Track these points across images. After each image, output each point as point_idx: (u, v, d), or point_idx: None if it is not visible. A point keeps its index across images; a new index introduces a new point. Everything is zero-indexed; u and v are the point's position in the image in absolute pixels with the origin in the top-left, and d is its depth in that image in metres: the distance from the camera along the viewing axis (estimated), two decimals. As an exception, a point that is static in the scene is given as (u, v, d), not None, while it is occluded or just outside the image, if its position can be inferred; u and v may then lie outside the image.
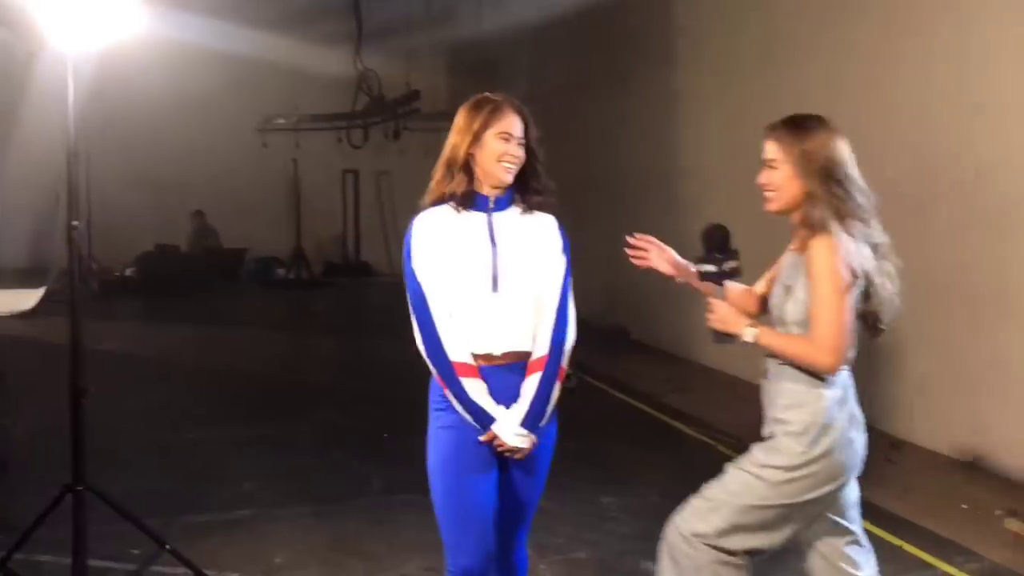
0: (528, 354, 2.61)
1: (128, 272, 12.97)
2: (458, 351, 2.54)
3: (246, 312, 11.70)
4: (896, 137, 5.86)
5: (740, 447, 5.87)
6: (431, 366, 2.58)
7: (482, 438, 2.55)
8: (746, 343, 2.46)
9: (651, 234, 2.85)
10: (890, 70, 5.90)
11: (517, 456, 2.59)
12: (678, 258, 2.80)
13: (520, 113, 2.61)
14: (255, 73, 13.02)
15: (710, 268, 2.55)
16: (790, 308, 2.45)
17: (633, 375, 7.63)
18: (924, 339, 5.63)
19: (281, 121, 14.34)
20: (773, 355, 2.51)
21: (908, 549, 4.15)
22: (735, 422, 6.29)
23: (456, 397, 2.54)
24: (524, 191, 2.65)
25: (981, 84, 5.21)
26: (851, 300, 2.38)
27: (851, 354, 2.45)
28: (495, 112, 2.58)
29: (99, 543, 3.75)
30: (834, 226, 2.39)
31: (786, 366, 2.47)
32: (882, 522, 4.46)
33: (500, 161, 2.57)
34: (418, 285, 2.56)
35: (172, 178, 13.45)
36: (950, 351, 5.44)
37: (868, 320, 2.50)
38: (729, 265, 2.57)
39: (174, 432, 5.96)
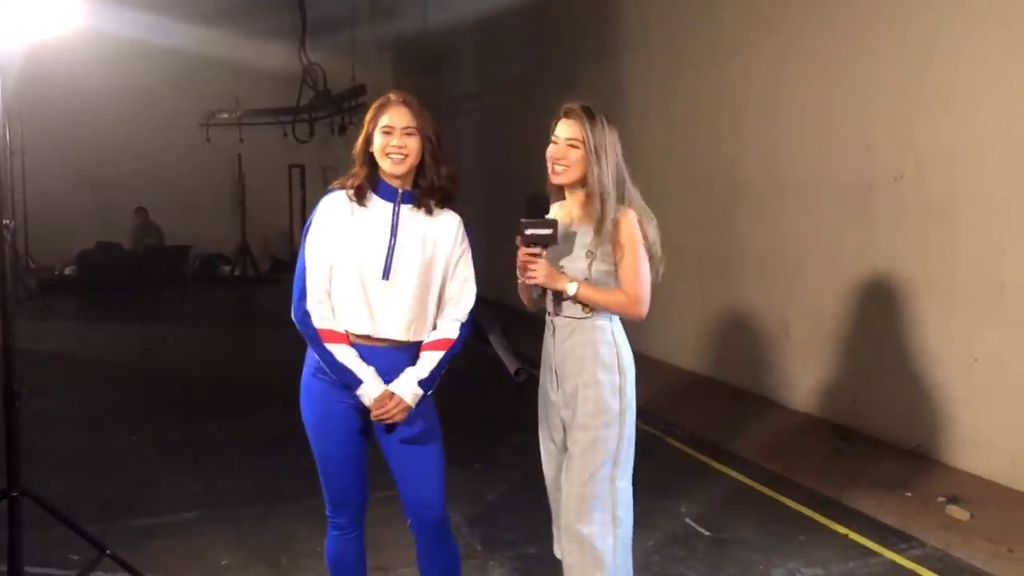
0: (404, 343, 2.75)
1: (68, 271, 12.69)
2: (324, 320, 2.71)
3: (190, 311, 11.51)
4: (837, 130, 5.95)
5: (689, 439, 5.96)
6: (301, 333, 2.74)
7: (376, 398, 2.68)
8: (568, 296, 2.76)
9: None
10: (831, 64, 5.98)
11: (394, 420, 2.72)
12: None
13: (407, 105, 2.73)
14: (198, 67, 12.80)
15: (543, 231, 2.72)
16: (595, 269, 2.78)
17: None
18: (866, 328, 5.73)
19: (224, 115, 14.12)
20: (556, 311, 2.84)
21: (853, 537, 4.21)
22: (683, 413, 6.35)
23: (324, 361, 2.71)
24: (424, 186, 2.77)
25: (920, 79, 5.30)
26: (647, 261, 2.81)
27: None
28: (380, 108, 2.76)
29: (37, 549, 3.67)
30: (630, 201, 2.83)
31: (580, 321, 2.79)
32: (827, 510, 4.54)
33: (386, 155, 2.71)
34: (304, 258, 2.73)
35: (113, 175, 13.20)
36: (891, 340, 5.54)
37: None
38: (553, 229, 2.75)
39: (116, 434, 5.84)
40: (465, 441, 2.99)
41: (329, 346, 2.70)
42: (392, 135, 2.70)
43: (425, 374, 2.74)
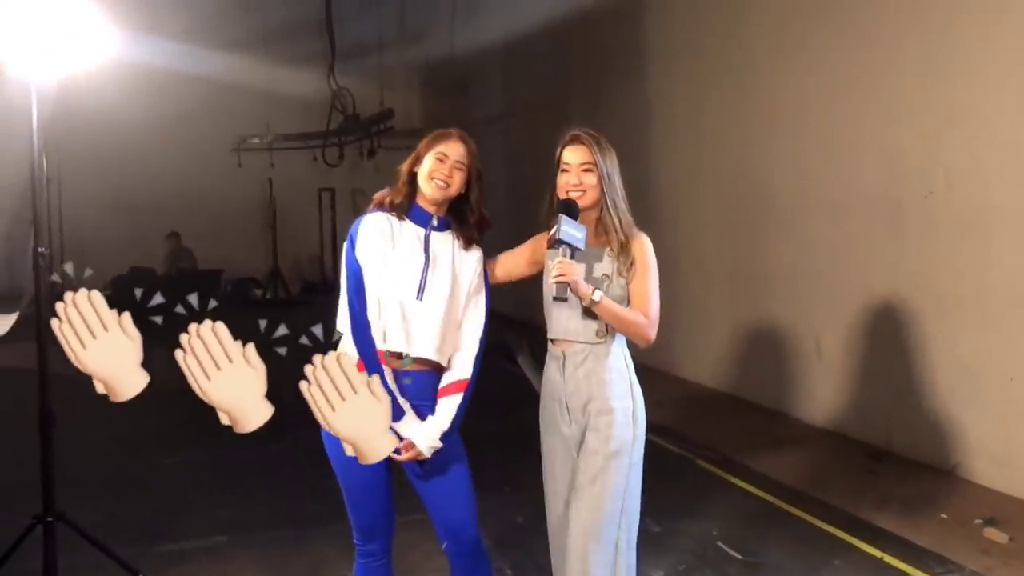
0: (432, 364, 2.78)
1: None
2: (380, 340, 2.74)
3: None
4: (865, 146, 5.91)
5: (720, 460, 5.90)
6: (356, 350, 2.74)
7: (401, 446, 2.67)
8: (593, 302, 2.70)
9: None
10: (858, 80, 5.95)
11: (418, 458, 2.74)
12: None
13: (464, 142, 2.82)
14: (229, 94, 12.99)
15: (576, 234, 2.70)
16: (611, 293, 2.75)
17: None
18: (898, 347, 5.66)
19: (255, 140, 14.30)
20: (568, 337, 2.80)
21: (888, 560, 4.15)
22: (714, 434, 6.30)
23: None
24: (460, 221, 2.85)
25: (948, 94, 5.26)
26: None
27: None
28: (439, 137, 2.83)
29: (71, 574, 3.68)
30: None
31: (594, 347, 2.76)
32: (862, 532, 4.48)
33: (431, 178, 2.78)
34: (358, 270, 2.76)
35: (147, 200, 13.38)
36: (926, 359, 5.47)
37: None
38: (583, 234, 2.73)
39: (147, 458, 5.89)
40: (493, 463, 2.99)
41: (383, 368, 2.73)
42: (444, 163, 2.78)
43: (446, 425, 2.74)
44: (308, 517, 4.74)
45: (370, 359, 2.72)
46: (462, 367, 2.81)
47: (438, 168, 2.77)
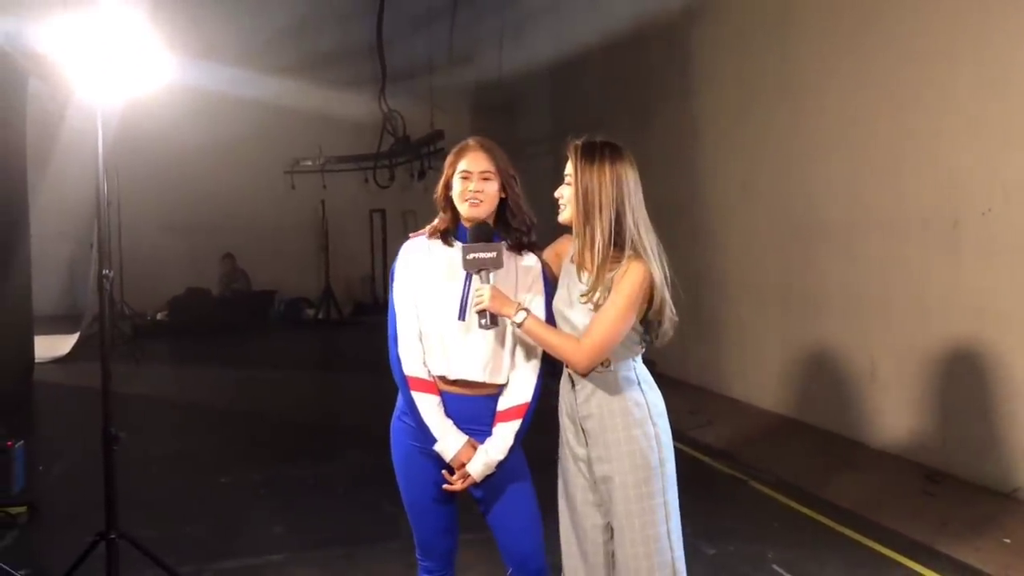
0: (484, 386, 2.76)
1: (160, 316, 13.11)
2: (413, 366, 2.74)
3: (276, 354, 11.76)
4: (918, 163, 5.83)
5: (774, 482, 5.84)
6: (395, 378, 2.79)
7: (455, 478, 2.73)
8: (516, 323, 2.65)
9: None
10: (910, 96, 5.87)
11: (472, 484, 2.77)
12: None
13: (485, 150, 2.77)
14: (282, 117, 13.21)
15: (485, 255, 2.65)
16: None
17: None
18: (957, 367, 5.56)
19: (308, 163, 14.50)
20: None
21: (948, 584, 4.07)
22: (766, 455, 6.23)
23: (408, 407, 2.75)
24: (506, 228, 2.80)
25: (1003, 108, 5.17)
26: (631, 321, 2.62)
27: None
28: (459, 154, 2.79)
29: (132, 590, 3.77)
30: (642, 251, 2.64)
31: (602, 376, 2.65)
32: (920, 556, 4.40)
33: (463, 200, 2.74)
34: (393, 305, 2.80)
35: (202, 222, 13.62)
36: (984, 379, 5.36)
37: (653, 325, 2.71)
38: (496, 253, 2.68)
39: (205, 476, 5.98)
40: (551, 482, 2.96)
41: (415, 394, 2.72)
42: (470, 180, 2.73)
43: (500, 456, 2.73)
44: (363, 536, 4.78)
45: (402, 387, 2.77)
46: (521, 390, 2.76)
47: (465, 187, 2.72)
